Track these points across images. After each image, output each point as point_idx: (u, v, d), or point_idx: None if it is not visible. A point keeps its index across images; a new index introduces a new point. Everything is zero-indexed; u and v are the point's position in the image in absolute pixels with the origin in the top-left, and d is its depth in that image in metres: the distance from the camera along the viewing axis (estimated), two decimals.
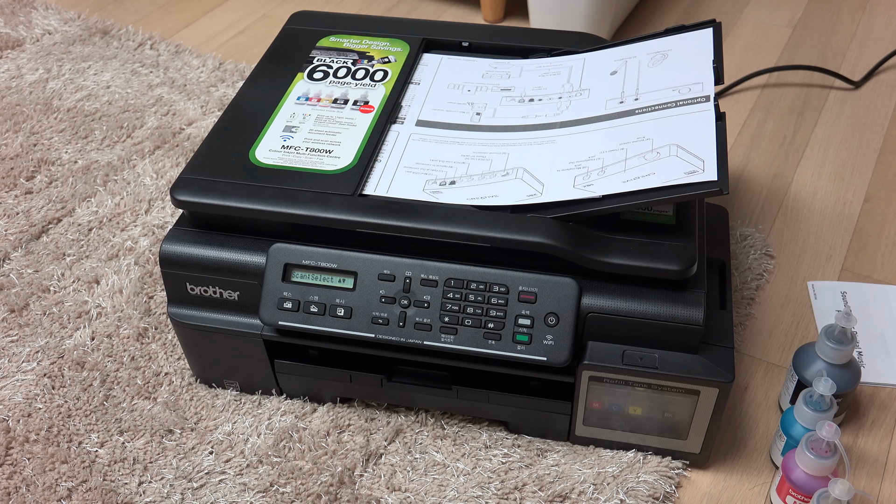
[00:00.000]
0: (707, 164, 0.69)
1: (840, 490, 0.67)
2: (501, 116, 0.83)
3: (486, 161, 0.78)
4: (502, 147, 0.79)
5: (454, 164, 0.78)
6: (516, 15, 1.48)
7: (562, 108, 0.82)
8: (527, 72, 0.89)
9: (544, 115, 0.82)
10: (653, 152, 0.72)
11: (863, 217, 1.08)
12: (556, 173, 0.74)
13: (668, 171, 0.69)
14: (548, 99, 0.84)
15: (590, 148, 0.76)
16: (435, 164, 0.78)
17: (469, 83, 0.88)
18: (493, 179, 0.75)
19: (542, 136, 0.80)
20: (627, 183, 0.70)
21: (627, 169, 0.71)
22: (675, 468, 0.80)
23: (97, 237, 1.05)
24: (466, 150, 0.79)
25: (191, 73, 1.33)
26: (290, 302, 0.74)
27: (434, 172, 0.77)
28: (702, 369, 0.72)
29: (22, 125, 1.21)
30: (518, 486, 0.78)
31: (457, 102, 0.86)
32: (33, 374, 0.88)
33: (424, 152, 0.79)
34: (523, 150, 0.78)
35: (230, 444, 0.82)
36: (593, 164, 0.73)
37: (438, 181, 0.76)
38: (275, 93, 0.86)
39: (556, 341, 0.71)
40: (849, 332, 0.77)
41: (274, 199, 0.74)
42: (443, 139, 0.81)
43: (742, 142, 1.20)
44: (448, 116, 0.84)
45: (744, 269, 0.99)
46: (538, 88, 0.86)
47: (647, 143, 0.73)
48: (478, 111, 0.84)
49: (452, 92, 0.87)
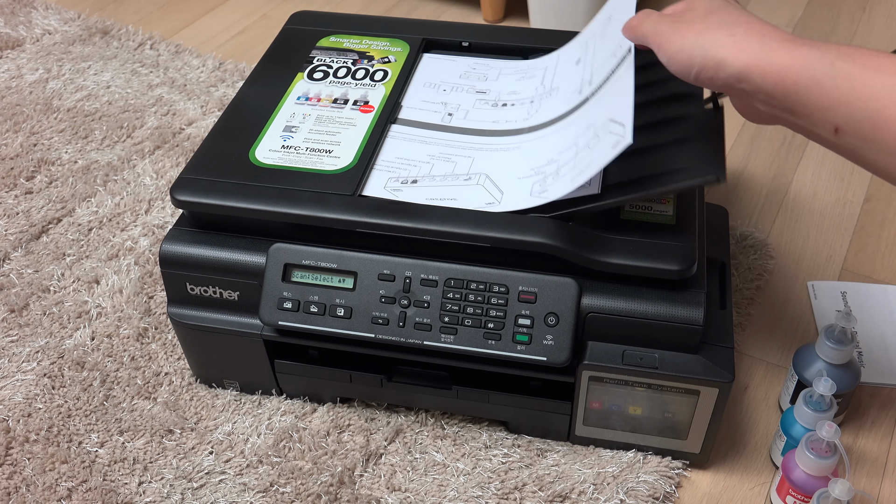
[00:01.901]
0: (626, 128, 0.65)
1: (840, 490, 0.67)
2: (473, 119, 0.83)
3: (451, 163, 0.77)
4: (469, 151, 0.79)
5: (419, 164, 0.78)
6: (516, 15, 1.48)
7: (531, 113, 0.82)
8: (504, 75, 0.88)
9: (514, 121, 0.82)
10: (595, 138, 0.70)
11: (863, 217, 1.08)
12: (517, 181, 0.74)
13: (600, 153, 0.67)
14: (520, 104, 0.84)
15: (549, 152, 0.75)
16: (400, 161, 0.78)
17: (446, 82, 0.88)
18: (455, 182, 0.75)
19: (509, 142, 0.79)
20: (574, 181, 0.68)
21: (576, 165, 0.70)
22: (675, 468, 0.80)
23: (97, 237, 1.05)
24: (433, 150, 0.79)
25: (191, 73, 1.33)
26: (290, 302, 0.74)
27: (398, 170, 0.77)
28: (702, 369, 0.72)
29: (22, 125, 1.21)
30: (518, 486, 0.78)
31: (430, 101, 0.86)
32: (33, 374, 0.88)
33: (392, 150, 0.79)
34: (489, 155, 0.78)
35: (230, 444, 0.82)
36: (550, 167, 0.73)
37: (401, 179, 0.76)
38: (275, 93, 0.86)
39: (556, 341, 0.71)
40: (849, 332, 0.77)
41: (274, 199, 0.74)
42: (411, 137, 0.81)
43: (742, 142, 1.20)
44: (420, 115, 0.84)
45: (744, 269, 0.99)
46: (513, 93, 0.86)
47: (591, 131, 0.71)
48: (450, 112, 0.84)
49: (428, 90, 0.87)
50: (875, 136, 0.51)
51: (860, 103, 0.51)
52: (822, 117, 0.54)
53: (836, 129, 0.53)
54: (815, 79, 0.53)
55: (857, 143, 0.53)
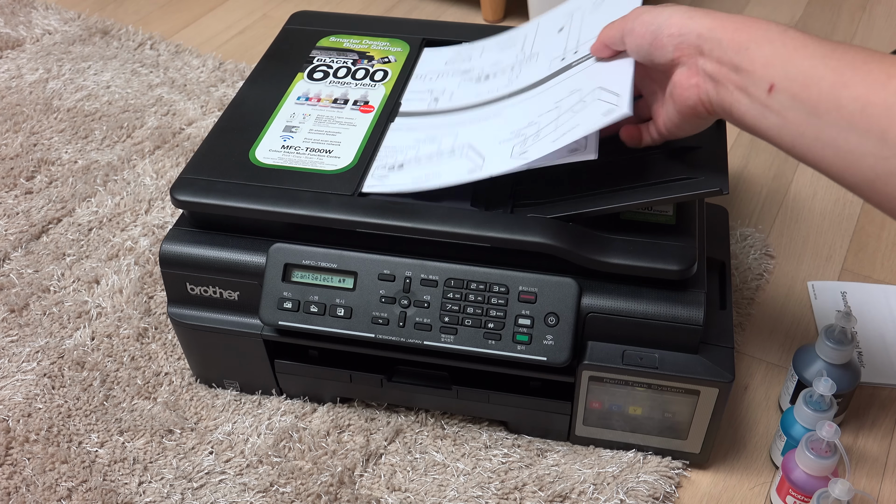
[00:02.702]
0: (621, 98, 0.66)
1: (840, 490, 0.67)
2: (457, 98, 0.83)
3: (436, 143, 0.77)
4: (453, 127, 0.79)
5: (405, 150, 0.78)
6: (516, 15, 1.48)
7: (511, 79, 0.81)
8: (487, 50, 0.88)
9: (495, 90, 0.81)
10: (580, 103, 0.70)
11: (863, 217, 1.08)
12: (498, 146, 0.73)
13: (588, 118, 0.67)
14: (501, 73, 0.83)
15: (529, 114, 0.74)
16: (387, 150, 0.78)
17: (432, 71, 0.88)
18: (440, 160, 0.75)
19: (491, 110, 0.79)
20: (556, 142, 0.68)
21: (558, 127, 0.69)
22: (675, 468, 0.80)
23: (97, 237, 1.05)
24: (419, 134, 0.79)
25: (191, 73, 1.33)
26: (290, 302, 0.74)
27: (385, 159, 0.77)
28: (702, 369, 0.72)
29: (22, 125, 1.21)
30: (518, 486, 0.78)
31: (417, 91, 0.86)
32: (33, 374, 0.88)
33: (380, 143, 0.80)
34: (472, 127, 0.78)
35: (230, 444, 0.82)
36: (530, 129, 0.72)
37: (387, 166, 0.76)
38: (275, 93, 0.86)
39: (556, 341, 0.71)
40: (849, 332, 0.77)
41: (274, 199, 0.74)
42: (398, 127, 0.81)
43: (742, 142, 1.20)
44: (407, 106, 0.84)
45: (744, 269, 0.99)
46: (494, 64, 0.85)
47: (577, 96, 0.71)
48: (436, 97, 0.84)
49: (415, 82, 0.87)
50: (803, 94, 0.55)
51: (799, 61, 0.55)
52: (761, 73, 0.57)
53: (772, 86, 0.56)
54: (767, 36, 0.58)
55: (785, 102, 0.56)
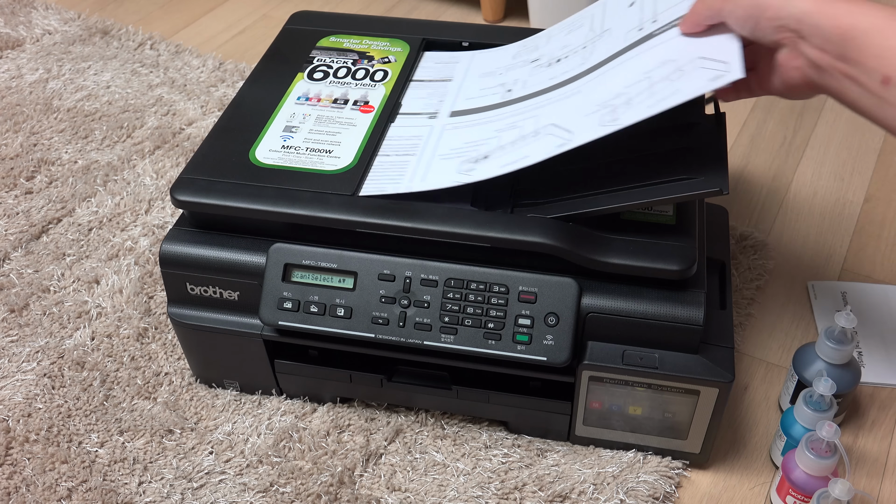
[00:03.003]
0: (731, 64, 0.65)
1: (840, 490, 0.67)
2: (532, 85, 0.81)
3: (517, 129, 0.76)
4: (532, 112, 0.77)
5: (486, 141, 0.76)
6: (516, 15, 1.48)
7: (586, 57, 0.80)
8: (553, 36, 0.87)
9: (571, 70, 0.80)
10: (677, 72, 0.69)
11: (863, 217, 1.08)
12: (583, 118, 0.72)
13: (691, 84, 0.66)
14: (573, 53, 0.82)
15: (615, 86, 0.73)
16: (468, 146, 0.77)
17: (500, 67, 0.87)
18: (525, 143, 0.73)
19: (570, 90, 0.77)
20: (652, 107, 0.67)
21: (653, 94, 0.68)
22: (675, 468, 0.80)
23: (97, 237, 1.05)
24: (499, 124, 0.78)
25: (191, 73, 1.33)
26: (290, 302, 0.74)
27: (468, 153, 0.75)
28: (702, 369, 0.72)
29: (22, 125, 1.21)
30: (518, 486, 0.78)
31: (488, 87, 0.85)
32: (33, 374, 0.88)
33: (458, 138, 0.78)
34: (552, 108, 0.76)
35: (230, 444, 0.82)
36: (619, 100, 0.71)
37: (472, 160, 0.74)
38: (275, 93, 0.86)
39: (556, 341, 0.71)
40: (849, 332, 0.77)
41: (274, 199, 0.74)
42: (475, 122, 0.80)
43: (742, 142, 1.20)
44: (481, 101, 0.83)
45: (744, 269, 0.99)
46: (564, 47, 0.84)
47: (671, 65, 0.70)
48: (509, 88, 0.83)
49: (484, 79, 0.86)
50: None
51: None
52: (874, 65, 0.55)
53: (886, 78, 0.55)
54: (876, 25, 0.55)
55: None
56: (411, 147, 0.79)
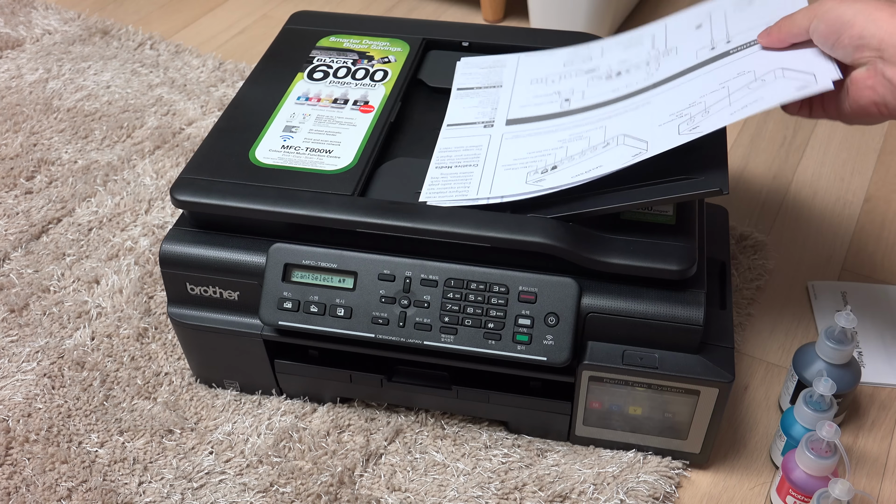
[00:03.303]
0: (820, 75, 0.65)
1: (840, 490, 0.67)
2: (591, 96, 0.80)
3: (584, 139, 0.75)
4: (598, 122, 0.76)
5: (552, 151, 0.75)
6: (516, 15, 1.48)
7: (651, 72, 0.79)
8: (608, 50, 0.86)
9: (635, 84, 0.79)
10: (756, 81, 0.68)
11: (863, 217, 1.08)
12: (658, 128, 0.71)
13: (776, 92, 0.66)
14: (635, 68, 0.81)
15: (688, 97, 0.72)
16: (533, 155, 0.76)
17: (551, 74, 0.86)
18: (595, 153, 0.72)
19: (637, 101, 0.76)
20: (735, 114, 0.66)
21: (733, 102, 0.68)
22: (675, 468, 0.80)
23: (97, 237, 1.05)
24: (562, 135, 0.77)
25: (191, 73, 1.33)
26: (290, 302, 0.74)
27: (534, 163, 0.74)
28: (702, 369, 0.72)
29: (22, 125, 1.21)
30: (518, 486, 0.78)
31: (543, 94, 0.83)
32: (33, 374, 0.88)
33: (520, 147, 0.77)
34: (620, 119, 0.75)
35: (230, 444, 0.82)
36: (695, 109, 0.70)
37: (539, 170, 0.73)
38: (275, 93, 0.86)
39: (556, 341, 0.71)
40: (849, 332, 0.77)
41: (274, 199, 0.74)
42: (536, 131, 0.79)
43: (742, 142, 1.20)
44: (537, 110, 0.82)
45: (744, 269, 0.99)
46: (623, 62, 0.83)
47: (749, 76, 0.69)
48: (566, 97, 0.82)
49: (536, 86, 0.85)
50: None
51: None
52: None
53: None
54: None
55: None
56: (472, 157, 0.78)
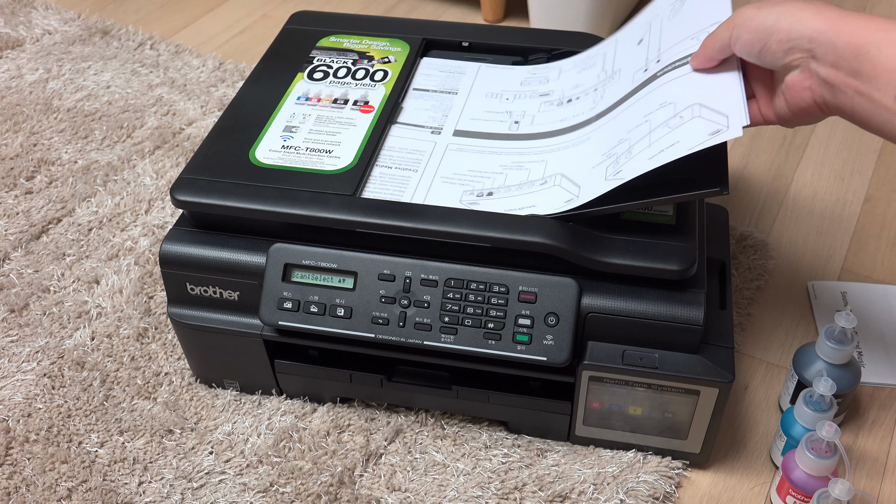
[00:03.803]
0: (731, 119, 0.64)
1: (840, 490, 0.67)
2: (540, 123, 0.82)
3: (525, 170, 0.76)
4: (541, 155, 0.78)
5: (492, 175, 0.77)
6: (516, 15, 1.48)
7: (596, 101, 0.80)
8: (565, 72, 0.87)
9: (581, 114, 0.80)
10: (675, 118, 0.68)
11: (863, 217, 1.08)
12: (591, 171, 0.72)
13: (691, 136, 0.66)
14: (584, 95, 0.82)
15: (617, 133, 0.73)
16: (472, 174, 0.77)
17: (507, 91, 0.87)
18: (532, 189, 0.74)
19: (579, 135, 0.77)
20: (653, 159, 0.66)
21: (652, 143, 0.68)
22: (675, 468, 0.80)
23: (97, 237, 1.05)
24: (504, 160, 0.78)
25: (191, 73, 1.33)
26: (290, 302, 0.74)
27: (471, 183, 0.76)
28: (702, 369, 0.72)
29: (22, 125, 1.21)
30: (518, 486, 0.78)
31: (495, 111, 0.84)
32: (33, 374, 0.88)
33: (461, 162, 0.79)
34: (561, 154, 0.76)
35: (230, 444, 0.82)
36: (621, 148, 0.71)
37: (475, 192, 0.75)
38: (275, 93, 0.86)
39: (556, 341, 0.71)
40: (849, 332, 0.77)
41: (274, 199, 0.74)
42: (480, 149, 0.80)
43: (742, 142, 1.20)
44: (486, 126, 0.83)
45: (744, 269, 0.99)
46: (576, 87, 0.84)
47: (670, 109, 0.69)
48: (516, 119, 0.83)
49: (490, 101, 0.86)
50: None
51: None
52: (888, 79, 0.55)
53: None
54: (889, 40, 0.55)
55: None
56: (413, 161, 0.79)
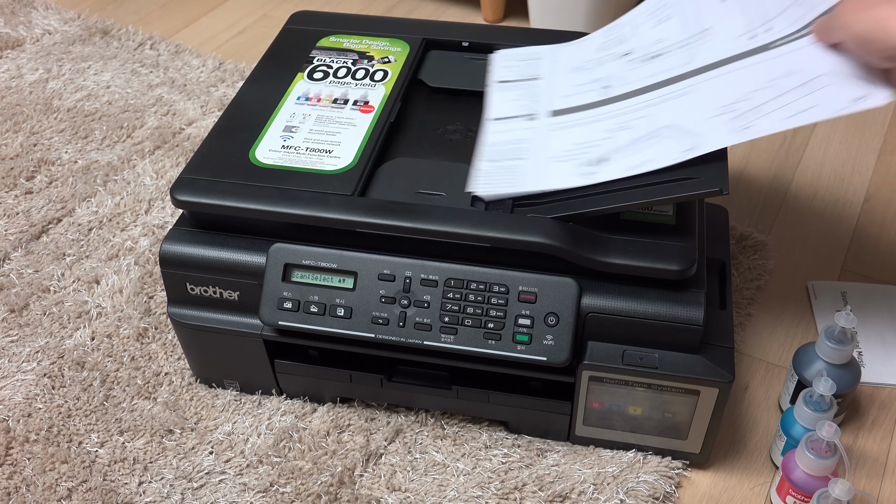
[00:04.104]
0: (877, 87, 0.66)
1: (840, 490, 0.67)
2: (631, 81, 0.80)
3: (630, 129, 0.75)
4: (641, 111, 0.76)
5: (599, 142, 0.75)
6: (516, 15, 1.48)
7: (689, 57, 0.79)
8: (640, 26, 0.85)
9: (674, 68, 0.79)
10: (810, 84, 0.68)
11: (863, 217, 1.08)
12: (707, 121, 0.71)
13: (832, 101, 0.66)
14: (671, 51, 0.81)
15: (735, 90, 0.72)
16: (580, 147, 0.75)
17: (588, 62, 0.86)
18: (644, 145, 0.72)
19: (678, 88, 0.76)
20: (789, 119, 0.66)
21: (786, 104, 0.68)
22: (675, 468, 0.80)
23: (97, 237, 1.05)
24: (607, 124, 0.77)
25: (191, 73, 1.33)
26: (290, 302, 0.74)
27: (582, 156, 0.74)
28: (702, 369, 0.72)
29: (22, 125, 1.21)
30: (518, 486, 0.78)
31: (584, 83, 0.83)
32: (33, 374, 0.88)
33: (566, 139, 0.77)
34: (663, 108, 0.75)
35: (230, 444, 0.82)
36: (745, 105, 0.70)
37: (589, 163, 0.73)
38: (275, 93, 0.86)
39: (556, 341, 0.71)
40: (849, 332, 0.77)
41: (274, 199, 0.74)
42: (581, 122, 0.79)
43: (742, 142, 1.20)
44: (579, 99, 0.81)
45: (744, 269, 0.99)
46: (658, 42, 0.82)
47: (799, 76, 0.69)
48: (605, 84, 0.81)
49: (576, 75, 0.85)
50: None
51: None
52: None
53: None
54: None
55: None
56: (519, 151, 0.78)
